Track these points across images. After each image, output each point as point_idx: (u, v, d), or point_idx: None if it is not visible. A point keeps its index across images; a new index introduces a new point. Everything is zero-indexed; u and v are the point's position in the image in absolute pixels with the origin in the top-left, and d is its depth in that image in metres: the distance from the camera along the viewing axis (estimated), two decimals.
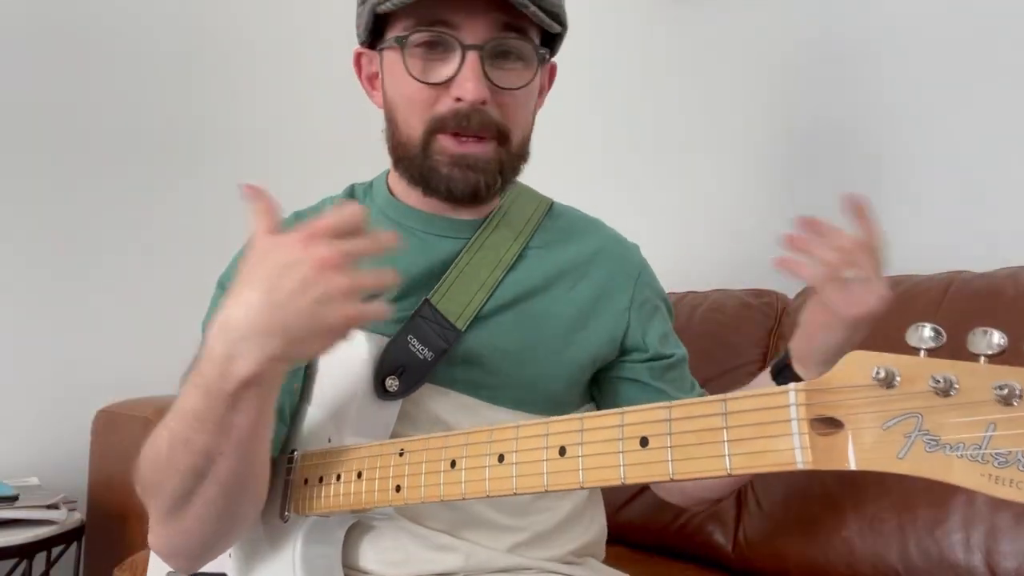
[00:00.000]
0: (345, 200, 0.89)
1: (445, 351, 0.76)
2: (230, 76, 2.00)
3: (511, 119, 0.76)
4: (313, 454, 0.74)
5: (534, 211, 0.87)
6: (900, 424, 0.41)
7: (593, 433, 0.54)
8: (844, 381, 0.44)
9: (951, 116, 1.30)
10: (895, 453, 0.41)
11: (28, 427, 1.64)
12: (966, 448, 0.39)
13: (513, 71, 0.75)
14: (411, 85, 0.75)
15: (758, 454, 0.46)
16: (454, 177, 0.75)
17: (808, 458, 0.43)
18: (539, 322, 0.81)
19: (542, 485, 0.55)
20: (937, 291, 1.09)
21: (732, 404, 0.48)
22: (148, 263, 1.83)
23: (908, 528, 0.98)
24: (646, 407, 0.52)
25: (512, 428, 0.58)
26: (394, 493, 0.64)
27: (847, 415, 0.43)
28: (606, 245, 0.88)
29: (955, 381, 0.39)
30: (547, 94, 0.87)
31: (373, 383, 0.74)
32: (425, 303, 0.78)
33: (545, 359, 0.80)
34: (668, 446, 0.50)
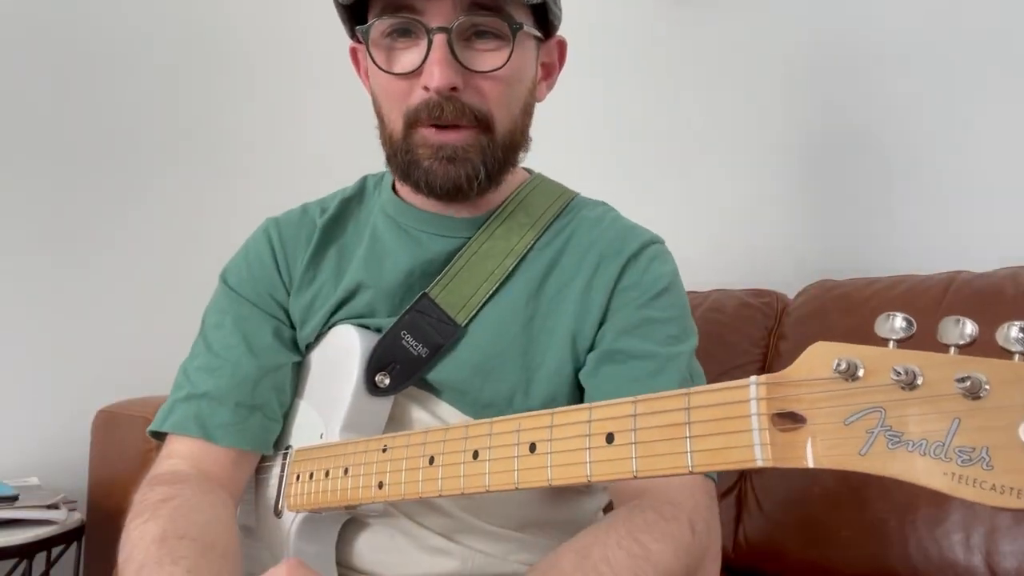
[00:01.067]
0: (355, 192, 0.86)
1: (441, 347, 0.74)
2: (229, 73, 2.00)
3: (491, 104, 0.70)
4: (306, 450, 0.74)
5: (552, 203, 0.81)
6: (862, 419, 0.39)
7: (562, 429, 0.53)
8: (806, 374, 0.41)
9: (952, 116, 1.30)
10: (856, 450, 0.39)
11: (28, 427, 1.64)
12: (929, 445, 0.36)
13: (487, 51, 0.69)
14: (382, 77, 0.72)
15: (719, 451, 0.44)
16: (433, 171, 0.71)
17: (768, 455, 0.42)
18: (545, 323, 0.76)
19: (513, 483, 0.54)
20: (937, 291, 1.09)
21: (695, 398, 0.46)
22: (148, 263, 1.83)
23: (908, 528, 0.98)
24: (613, 402, 0.50)
25: (487, 424, 0.57)
26: (377, 490, 0.63)
27: (809, 409, 0.41)
28: (612, 236, 0.79)
29: (918, 373, 0.37)
30: (558, 73, 0.82)
31: (364, 378, 0.73)
32: (423, 297, 0.75)
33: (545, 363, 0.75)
34: (632, 442, 0.48)
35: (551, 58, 0.81)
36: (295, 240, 0.83)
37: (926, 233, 1.32)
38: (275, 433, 0.79)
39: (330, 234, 0.83)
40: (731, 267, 1.55)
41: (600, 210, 0.83)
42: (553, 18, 0.76)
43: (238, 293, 0.81)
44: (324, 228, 0.82)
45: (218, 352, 0.78)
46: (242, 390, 0.76)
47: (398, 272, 0.77)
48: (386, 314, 0.77)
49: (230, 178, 1.98)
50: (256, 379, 0.77)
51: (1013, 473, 0.34)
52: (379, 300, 0.77)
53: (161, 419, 0.77)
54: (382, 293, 0.77)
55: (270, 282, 0.82)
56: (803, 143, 1.50)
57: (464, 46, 0.69)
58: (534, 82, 0.77)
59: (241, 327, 0.79)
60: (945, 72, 1.31)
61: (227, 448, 0.75)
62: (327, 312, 0.79)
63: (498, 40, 0.70)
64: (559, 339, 0.75)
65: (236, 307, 0.81)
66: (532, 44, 0.75)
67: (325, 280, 0.80)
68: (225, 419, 0.74)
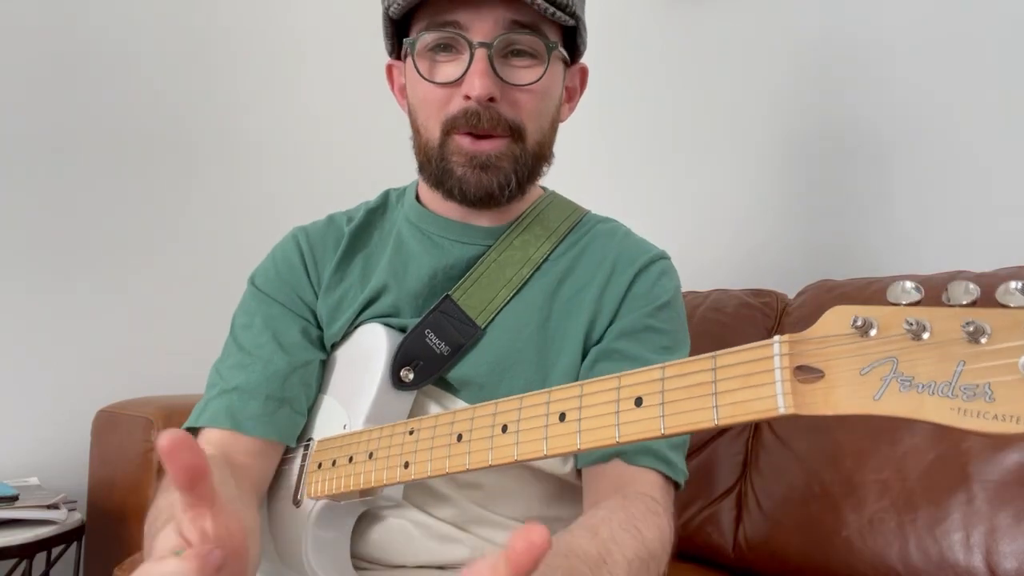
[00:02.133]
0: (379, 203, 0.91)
1: (462, 346, 0.78)
2: (233, 79, 2.00)
3: (524, 116, 0.76)
4: (328, 440, 0.76)
5: (566, 217, 0.87)
6: (877, 368, 0.42)
7: (592, 397, 0.55)
8: (825, 331, 0.45)
9: (952, 116, 1.30)
10: (871, 395, 0.42)
11: (28, 427, 1.64)
12: (937, 385, 0.40)
13: (524, 68, 0.76)
14: (424, 86, 0.77)
15: (743, 403, 0.47)
16: (467, 179, 0.76)
17: (790, 403, 0.45)
18: (559, 325, 0.80)
19: (542, 451, 0.56)
20: (937, 291, 1.09)
21: (721, 359, 0.49)
22: (148, 263, 1.83)
23: (908, 528, 0.98)
24: (643, 370, 0.53)
25: (516, 399, 0.60)
26: (402, 470, 0.65)
27: (827, 362, 0.44)
28: (625, 248, 0.84)
29: (928, 324, 0.41)
30: (579, 98, 0.88)
31: (389, 373, 0.77)
32: (446, 299, 0.80)
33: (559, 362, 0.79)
34: (661, 403, 0.51)
35: (574, 83, 0.87)
36: (323, 245, 0.87)
37: (926, 233, 1.32)
38: (300, 426, 0.82)
39: (357, 241, 0.87)
40: (731, 267, 1.55)
41: (612, 225, 0.89)
42: (580, 43, 0.82)
43: (266, 294, 0.85)
44: (352, 234, 0.87)
45: (249, 350, 0.81)
46: (272, 384, 0.79)
47: (422, 275, 0.82)
48: (410, 315, 0.81)
49: (235, 183, 1.98)
50: (286, 374, 0.80)
51: (1013, 403, 0.38)
52: (403, 301, 0.82)
53: (196, 416, 0.80)
54: (406, 294, 0.82)
55: (298, 284, 0.86)
56: (803, 143, 1.50)
57: (502, 62, 0.75)
58: (560, 101, 0.83)
59: (270, 326, 0.83)
60: (945, 71, 1.31)
61: (255, 438, 0.77)
62: (354, 312, 0.83)
63: (533, 59, 0.76)
64: (572, 340, 0.79)
65: (265, 307, 0.84)
66: (560, 66, 0.81)
67: (352, 283, 0.85)
68: (255, 411, 0.78)
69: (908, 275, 1.16)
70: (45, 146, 1.70)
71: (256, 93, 2.04)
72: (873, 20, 1.40)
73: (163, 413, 1.42)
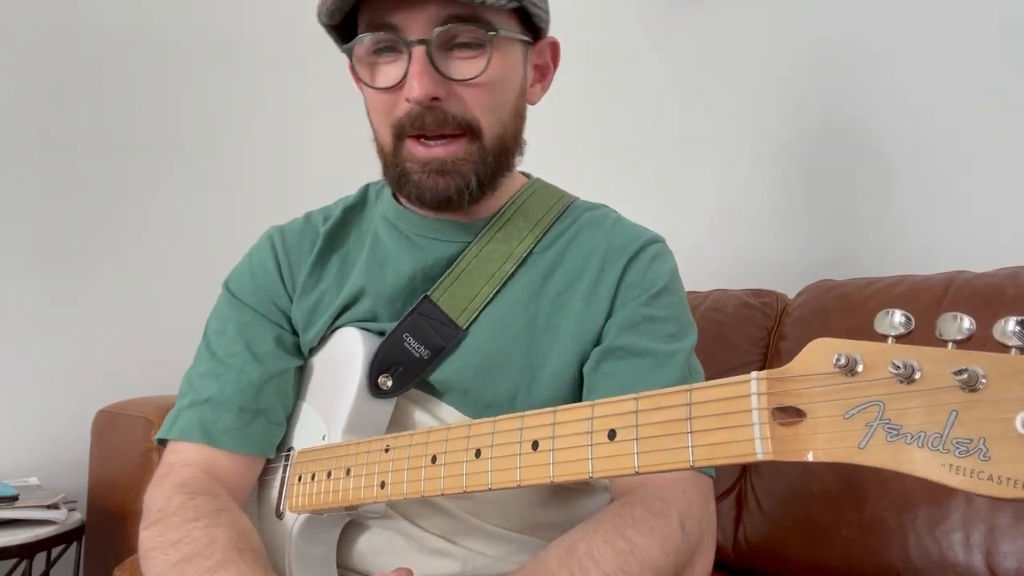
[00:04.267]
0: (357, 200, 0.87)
1: (443, 349, 0.74)
2: (232, 79, 2.00)
3: (477, 110, 0.71)
4: (308, 451, 0.74)
5: (551, 207, 0.82)
6: (862, 413, 0.39)
7: (565, 427, 0.53)
8: (806, 369, 0.42)
9: (952, 117, 1.30)
10: (856, 443, 0.39)
11: (28, 427, 1.64)
12: (927, 437, 0.37)
13: (467, 59, 0.70)
14: (368, 92, 0.74)
15: (720, 445, 0.45)
16: (423, 184, 0.72)
17: (768, 448, 0.42)
18: (548, 323, 0.76)
19: (515, 480, 0.55)
20: (937, 291, 1.09)
21: (696, 394, 0.47)
22: (148, 263, 1.83)
23: (908, 528, 0.97)
24: (615, 399, 0.51)
25: (489, 423, 0.58)
26: (379, 490, 0.64)
27: (809, 403, 0.41)
28: (615, 236, 0.80)
29: (917, 367, 0.38)
30: (553, 74, 0.82)
31: (366, 381, 0.74)
32: (424, 300, 0.76)
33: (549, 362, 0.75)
34: (635, 438, 0.49)
35: (543, 59, 0.81)
36: (299, 247, 0.84)
37: (926, 233, 1.32)
38: (278, 437, 0.79)
39: (333, 241, 0.84)
40: (731, 267, 1.55)
41: (601, 212, 0.84)
42: (538, 21, 0.76)
43: (240, 300, 0.82)
44: (328, 234, 0.83)
45: (222, 359, 0.78)
46: (246, 395, 0.76)
47: (400, 277, 0.78)
48: (388, 319, 0.78)
49: (232, 181, 1.98)
50: (260, 384, 0.77)
51: (1011, 463, 0.34)
52: (381, 305, 0.78)
53: (167, 427, 0.78)
54: (384, 298, 0.78)
55: (273, 289, 0.82)
56: (803, 143, 1.50)
57: (444, 56, 0.70)
58: (523, 86, 0.77)
59: (244, 334, 0.80)
60: (945, 71, 1.31)
61: (232, 453, 0.75)
62: (330, 317, 0.79)
63: (479, 48, 0.70)
64: (564, 339, 0.75)
65: (238, 314, 0.81)
66: (518, 48, 0.75)
67: (328, 286, 0.81)
68: (228, 424, 0.75)
69: (908, 275, 1.16)
70: (44, 147, 1.70)
71: (258, 97, 2.04)
72: (873, 21, 1.40)
73: (163, 413, 1.40)
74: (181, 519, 0.66)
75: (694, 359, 0.78)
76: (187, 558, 0.62)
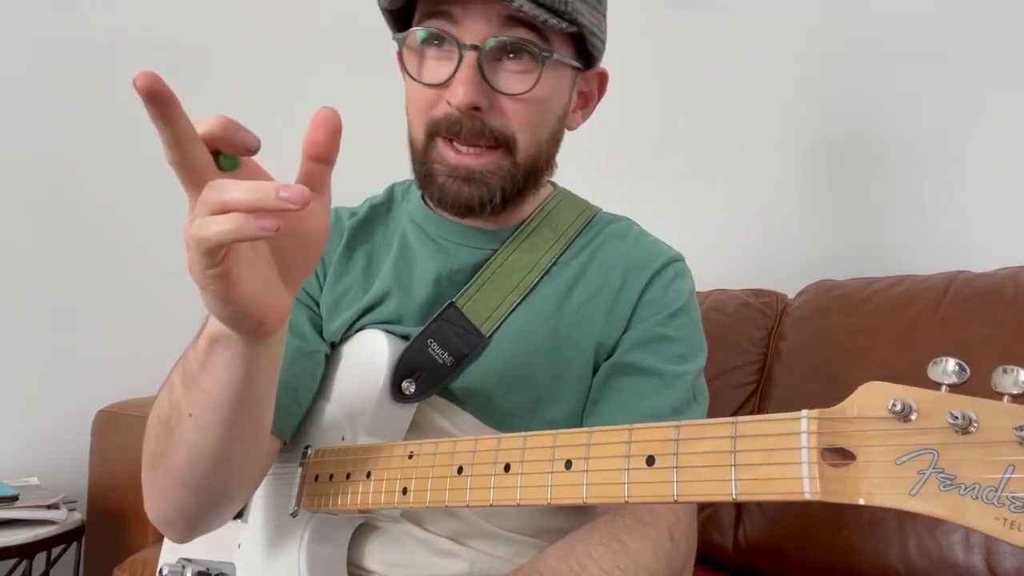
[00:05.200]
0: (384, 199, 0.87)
1: (466, 356, 0.74)
2: (236, 73, 2.00)
3: (516, 126, 0.70)
4: (326, 451, 0.74)
5: (576, 218, 0.82)
6: (914, 460, 0.39)
7: (600, 448, 0.52)
8: (859, 411, 0.42)
9: (952, 116, 1.30)
10: (907, 489, 0.39)
11: (28, 427, 1.64)
12: (981, 489, 0.37)
13: (518, 73, 0.69)
14: (412, 85, 0.72)
15: (765, 481, 0.44)
16: (447, 188, 0.71)
17: (817, 488, 0.42)
18: (570, 334, 0.76)
19: (545, 498, 0.54)
20: (937, 291, 1.09)
21: (742, 428, 0.46)
22: (148, 263, 1.83)
23: (908, 528, 0.97)
24: (655, 425, 0.50)
25: (520, 438, 0.57)
26: (401, 496, 0.63)
27: (859, 446, 0.41)
28: (638, 250, 0.80)
29: (975, 419, 0.38)
30: (596, 104, 0.83)
31: (389, 385, 0.73)
32: (450, 306, 0.76)
33: (570, 374, 0.75)
34: (674, 466, 0.48)
35: (590, 88, 0.81)
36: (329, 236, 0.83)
37: (926, 233, 1.32)
38: (297, 420, 0.78)
39: (359, 236, 0.84)
40: (731, 267, 1.55)
41: (624, 224, 0.85)
42: (593, 49, 0.76)
43: None
44: (353, 228, 0.83)
45: None
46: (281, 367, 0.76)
47: (426, 281, 0.78)
48: (413, 323, 0.77)
49: None
50: (293, 358, 0.76)
51: None
52: (406, 308, 0.78)
53: None
54: (410, 302, 0.78)
55: None
56: (803, 143, 1.50)
57: (494, 66, 0.69)
58: (566, 110, 0.77)
59: None
60: (945, 72, 1.31)
61: None
62: (355, 314, 0.79)
63: (529, 62, 0.69)
64: (585, 350, 0.75)
65: None
66: (568, 73, 0.75)
67: (353, 280, 0.81)
68: None
69: (908, 275, 1.16)
70: (44, 147, 1.70)
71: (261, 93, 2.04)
72: (875, 24, 1.40)
73: None
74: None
75: (701, 381, 0.77)
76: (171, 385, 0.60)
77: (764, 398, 1.20)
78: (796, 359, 1.18)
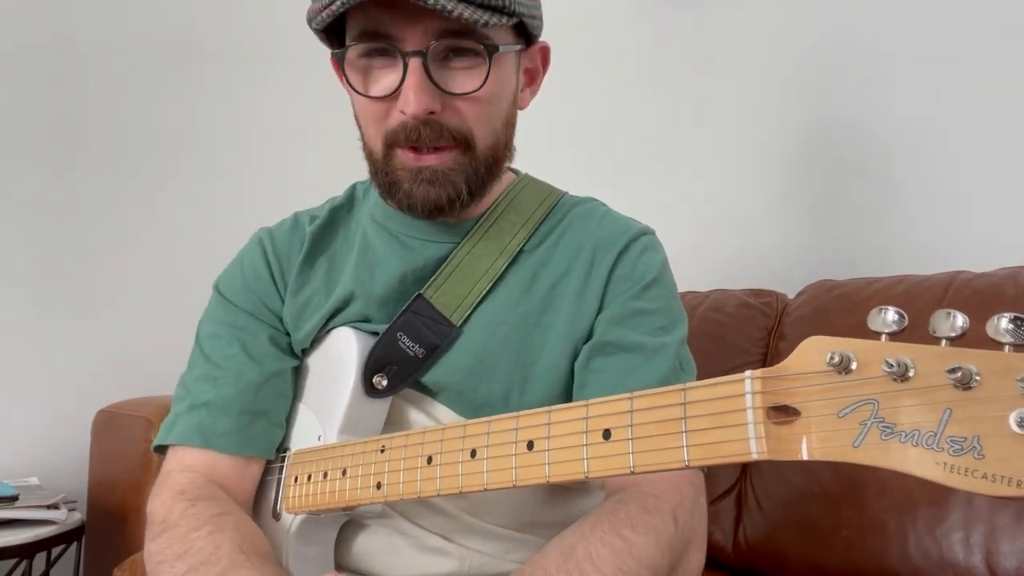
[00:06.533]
0: (345, 200, 0.87)
1: (437, 347, 0.74)
2: (228, 77, 2.00)
3: (472, 123, 0.70)
4: (303, 452, 0.74)
5: (541, 202, 0.81)
6: (856, 411, 0.39)
7: (559, 426, 0.53)
8: (800, 367, 0.42)
9: (952, 116, 1.30)
10: (850, 442, 0.39)
11: (28, 427, 1.64)
12: (921, 435, 0.37)
13: (465, 70, 0.69)
14: (360, 100, 0.72)
15: (714, 444, 0.44)
16: (414, 193, 0.71)
17: (763, 448, 0.42)
18: (540, 320, 0.75)
19: (511, 480, 0.54)
20: (937, 291, 1.09)
21: (691, 394, 0.47)
22: (148, 263, 1.83)
23: (908, 528, 0.97)
24: (610, 399, 0.51)
25: (484, 423, 0.58)
26: (375, 491, 0.63)
27: (803, 403, 0.41)
28: (604, 230, 0.80)
29: (910, 365, 0.37)
30: (542, 78, 0.82)
31: (361, 381, 0.73)
32: (418, 298, 0.76)
33: (541, 360, 0.75)
34: (629, 438, 0.49)
35: (534, 64, 0.80)
36: (288, 249, 0.83)
37: (926, 233, 1.32)
38: (279, 438, 0.79)
39: (320, 242, 0.83)
40: (731, 267, 1.55)
41: (590, 205, 0.84)
42: (532, 29, 0.75)
43: (233, 303, 0.82)
44: (313, 235, 0.83)
45: (217, 362, 0.78)
46: (245, 397, 0.76)
47: (390, 279, 0.77)
48: (380, 321, 0.77)
49: (229, 181, 1.98)
50: (258, 385, 0.77)
51: (1004, 461, 0.34)
52: (372, 308, 0.78)
53: (165, 433, 0.77)
54: (375, 301, 0.78)
55: (264, 291, 0.82)
56: (803, 142, 1.50)
57: (441, 67, 0.68)
58: (515, 94, 0.76)
59: (239, 336, 0.79)
60: (945, 71, 1.31)
61: (232, 456, 0.75)
62: (320, 319, 0.79)
63: (476, 57, 0.69)
64: (555, 336, 0.75)
65: (232, 317, 0.81)
66: (512, 57, 0.74)
67: (317, 287, 0.81)
68: (228, 427, 0.75)
69: (908, 275, 1.16)
70: (45, 147, 1.70)
71: (254, 96, 2.04)
72: (873, 22, 1.40)
73: (163, 413, 1.40)
74: (184, 529, 0.65)
75: (685, 350, 0.77)
76: (193, 568, 0.61)
77: None
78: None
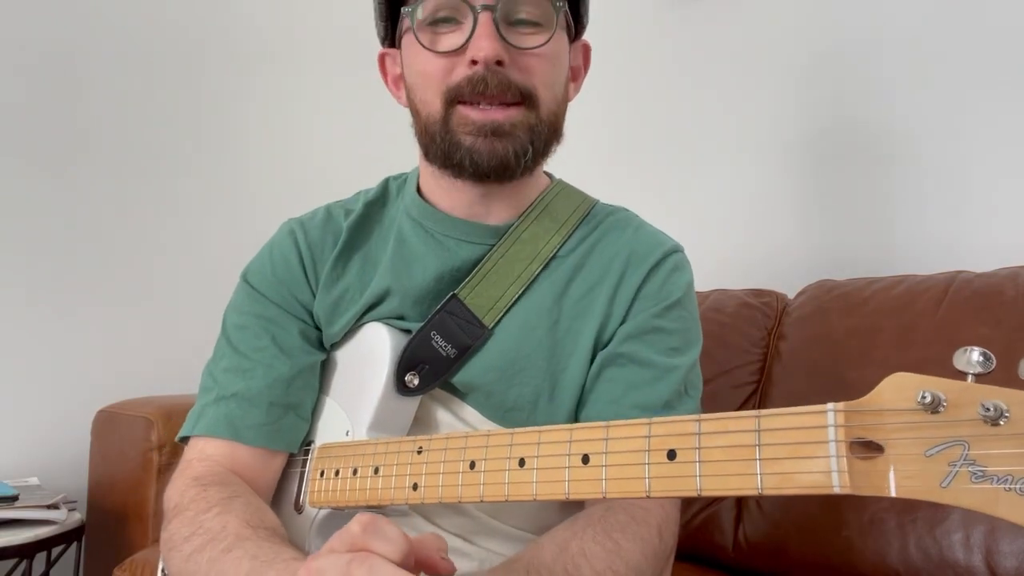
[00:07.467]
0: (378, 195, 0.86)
1: (469, 347, 0.74)
2: (235, 75, 2.00)
3: (536, 80, 0.72)
4: (330, 446, 0.74)
5: (575, 209, 0.82)
6: (944, 452, 0.39)
7: (618, 443, 0.52)
8: (886, 403, 0.42)
9: (952, 116, 1.30)
10: (938, 482, 0.39)
11: (28, 427, 1.64)
12: (1014, 480, 0.37)
13: (529, 33, 0.71)
14: (425, 58, 0.72)
15: (792, 475, 0.44)
16: (477, 148, 0.71)
17: (846, 482, 0.42)
18: (570, 327, 0.76)
19: (563, 493, 0.53)
20: (937, 291, 1.09)
21: (765, 421, 0.46)
22: (148, 263, 1.83)
23: (908, 528, 0.97)
24: (675, 419, 0.50)
25: (534, 432, 0.57)
26: (411, 491, 0.63)
27: (888, 439, 0.41)
28: (638, 242, 0.80)
29: (1006, 410, 0.37)
30: (583, 78, 0.84)
31: (393, 378, 0.73)
32: (452, 298, 0.75)
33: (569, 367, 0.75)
34: (696, 460, 0.48)
35: (577, 61, 0.83)
36: (321, 242, 0.82)
37: (926, 233, 1.32)
38: (304, 432, 0.78)
39: (355, 236, 0.82)
40: (731, 267, 1.55)
41: (624, 215, 0.85)
42: (583, 16, 0.79)
43: (262, 294, 0.81)
44: (351, 229, 0.82)
45: (246, 353, 0.77)
46: (275, 390, 0.75)
47: (427, 277, 0.77)
48: (414, 318, 0.77)
49: (231, 182, 1.98)
50: (290, 379, 0.76)
51: None
52: (407, 305, 0.77)
53: (191, 423, 0.77)
54: (410, 298, 0.77)
55: (296, 284, 0.81)
56: (803, 143, 1.50)
57: (507, 28, 0.70)
58: (567, 77, 0.79)
59: (268, 329, 0.78)
60: (945, 71, 1.31)
61: (258, 448, 0.74)
62: (355, 314, 0.79)
63: (538, 26, 0.72)
64: (584, 343, 0.75)
65: (260, 308, 0.80)
66: (565, 41, 0.77)
67: (351, 283, 0.80)
68: (257, 420, 0.74)
69: (908, 275, 1.16)
70: (43, 149, 1.70)
71: (260, 95, 2.04)
72: (875, 20, 1.40)
73: (163, 413, 1.42)
74: (194, 512, 0.65)
75: (694, 372, 0.77)
76: (199, 548, 0.61)
77: (764, 398, 1.20)
78: (796, 359, 1.18)
